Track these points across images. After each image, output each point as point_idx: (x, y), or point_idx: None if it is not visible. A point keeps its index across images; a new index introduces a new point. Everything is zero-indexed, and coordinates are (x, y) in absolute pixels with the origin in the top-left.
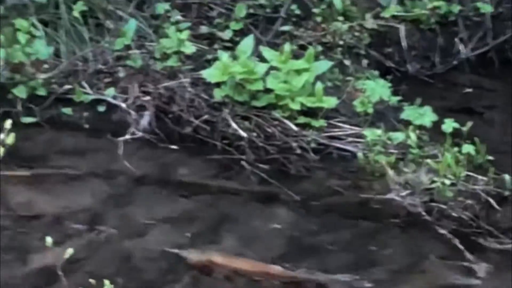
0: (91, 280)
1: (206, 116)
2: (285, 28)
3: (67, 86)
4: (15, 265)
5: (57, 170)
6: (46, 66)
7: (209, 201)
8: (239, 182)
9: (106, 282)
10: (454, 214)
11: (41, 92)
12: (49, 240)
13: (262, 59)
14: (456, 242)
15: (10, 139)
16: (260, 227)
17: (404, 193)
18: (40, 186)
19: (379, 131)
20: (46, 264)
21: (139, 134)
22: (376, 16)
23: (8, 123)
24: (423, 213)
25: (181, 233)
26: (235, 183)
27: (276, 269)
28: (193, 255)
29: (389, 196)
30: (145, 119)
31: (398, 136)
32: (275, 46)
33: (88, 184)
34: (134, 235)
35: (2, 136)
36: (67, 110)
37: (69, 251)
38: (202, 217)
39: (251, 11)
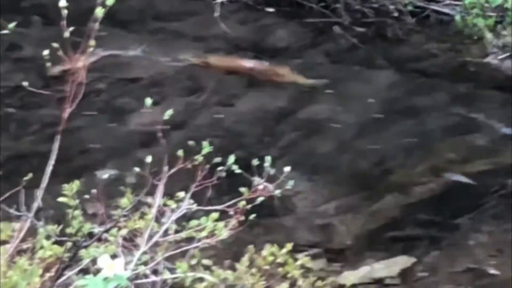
0: (190, 142)
1: None
2: None
3: None
4: (114, 126)
5: (153, 33)
6: None
7: (305, 65)
8: (335, 45)
9: (205, 143)
10: None
11: None
12: (148, 101)
13: None
14: None
15: (111, 0)
16: (356, 89)
17: (502, 56)
18: (135, 50)
19: None
20: (145, 125)
21: None
22: None
23: None
24: None
25: (274, 98)
26: (331, 46)
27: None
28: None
29: (487, 59)
30: None
31: None
32: None
33: (184, 48)
34: (229, 98)
35: None
36: None
37: (168, 112)
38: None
39: None
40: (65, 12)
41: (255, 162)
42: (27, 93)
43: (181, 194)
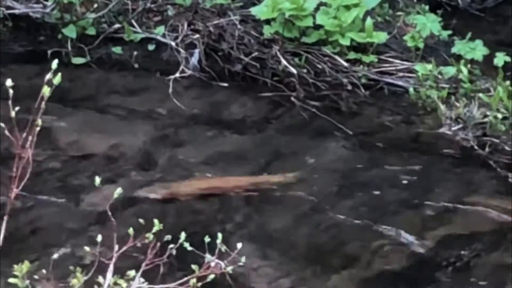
0: (140, 220)
1: (256, 53)
2: None
3: (117, 25)
4: (66, 205)
5: (107, 110)
6: (95, 5)
7: (261, 139)
8: (290, 119)
9: (156, 221)
10: (507, 148)
11: (91, 31)
12: (97, 180)
13: None
14: (510, 176)
15: (57, 79)
16: (311, 162)
17: (456, 128)
18: (89, 126)
19: (430, 66)
20: (96, 204)
21: (189, 72)
22: None
23: (54, 63)
24: (476, 148)
25: (233, 171)
26: (286, 120)
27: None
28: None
29: (441, 130)
30: (195, 57)
31: (449, 71)
32: None
33: (138, 124)
34: (182, 175)
35: (49, 76)
36: (117, 49)
37: (118, 191)
38: (254, 155)
39: None
40: (11, 92)
41: (206, 239)
42: None
43: (132, 272)
